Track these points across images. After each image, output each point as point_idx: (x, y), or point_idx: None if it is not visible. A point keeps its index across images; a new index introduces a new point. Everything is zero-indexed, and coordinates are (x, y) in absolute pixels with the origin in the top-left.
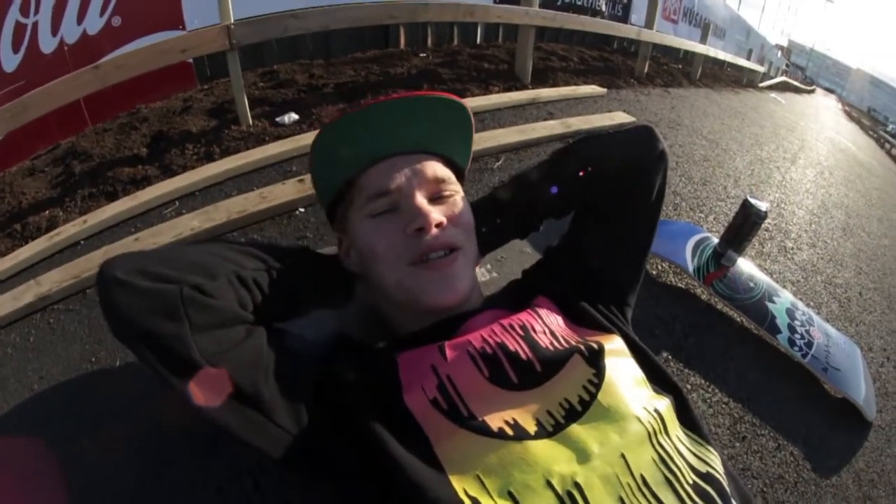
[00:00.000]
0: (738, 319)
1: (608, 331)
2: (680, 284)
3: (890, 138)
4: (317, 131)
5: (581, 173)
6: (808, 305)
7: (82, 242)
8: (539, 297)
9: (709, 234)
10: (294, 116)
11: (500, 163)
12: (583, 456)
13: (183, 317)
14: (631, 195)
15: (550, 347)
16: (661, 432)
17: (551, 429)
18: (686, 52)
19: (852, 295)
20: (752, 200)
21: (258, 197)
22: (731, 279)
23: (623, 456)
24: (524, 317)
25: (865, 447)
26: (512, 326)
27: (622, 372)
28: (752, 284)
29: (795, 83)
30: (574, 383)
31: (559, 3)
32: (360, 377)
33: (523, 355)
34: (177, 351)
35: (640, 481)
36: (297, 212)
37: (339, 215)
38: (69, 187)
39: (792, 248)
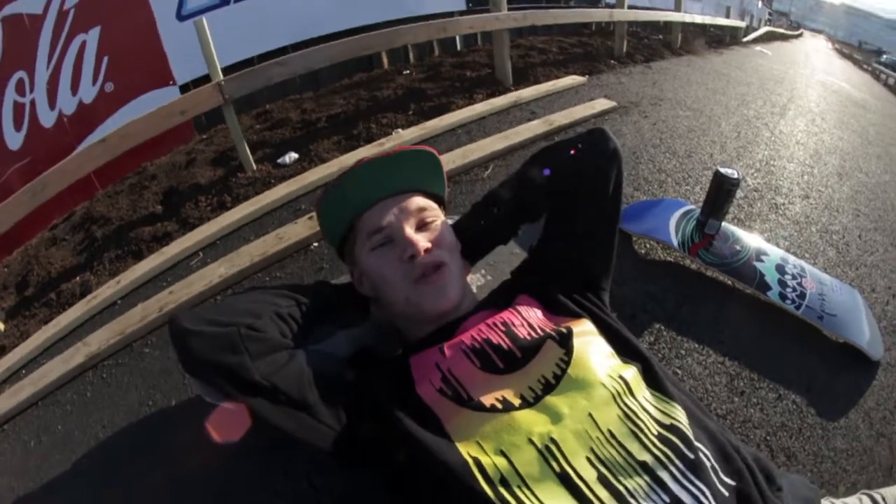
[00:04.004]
0: (730, 283)
1: (579, 316)
2: (669, 259)
3: (884, 69)
4: (319, 192)
5: (543, 182)
6: (802, 257)
7: (119, 302)
8: (520, 295)
9: (693, 206)
10: (294, 156)
11: (489, 171)
12: (556, 418)
13: (243, 349)
14: (589, 194)
15: (528, 337)
16: (625, 394)
17: (532, 400)
18: (665, 21)
19: (851, 239)
20: (723, 170)
21: (275, 238)
22: (716, 246)
23: (591, 415)
24: (505, 315)
25: (874, 386)
26: (495, 324)
27: (590, 349)
28: (738, 248)
29: (781, 30)
30: (548, 363)
31: None
32: (382, 380)
33: (505, 346)
34: (242, 375)
35: (607, 434)
36: (312, 246)
37: (348, 251)
38: (94, 252)
39: (783, 204)
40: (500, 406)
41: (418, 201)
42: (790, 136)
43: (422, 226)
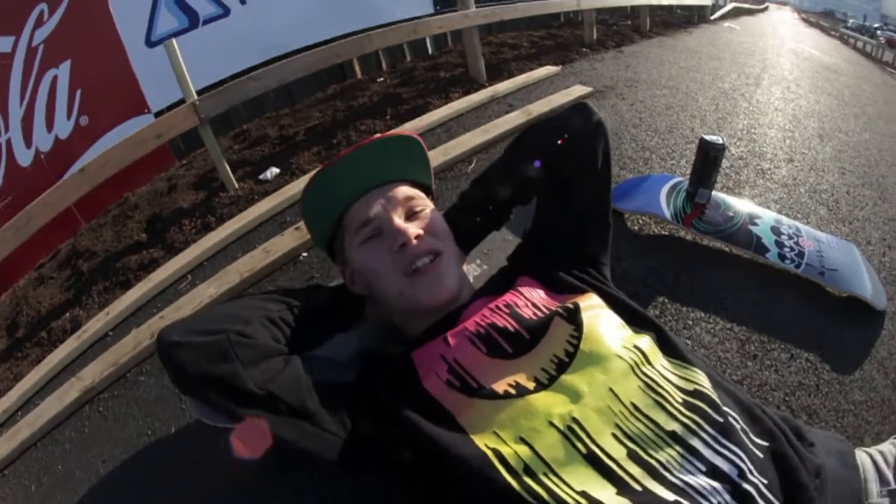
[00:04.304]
0: (727, 249)
1: (583, 291)
2: (664, 232)
3: (851, 33)
4: (301, 190)
5: (531, 162)
6: (795, 218)
7: (110, 333)
8: (520, 277)
9: (681, 179)
10: (275, 170)
11: (472, 166)
12: (575, 396)
13: (234, 357)
14: (579, 173)
15: (534, 317)
16: (643, 363)
17: (547, 381)
18: (632, 6)
19: (840, 196)
20: (707, 137)
21: (262, 253)
22: (709, 214)
23: (611, 389)
24: (508, 297)
25: (884, 336)
26: (498, 307)
27: (600, 322)
28: (730, 214)
29: (747, 5)
30: (559, 341)
31: None
32: (385, 380)
33: (511, 328)
34: (235, 384)
35: (631, 408)
36: (301, 257)
37: (337, 251)
38: (82, 287)
39: (769, 169)
40: (513, 392)
41: (405, 190)
42: (768, 104)
43: (411, 215)
